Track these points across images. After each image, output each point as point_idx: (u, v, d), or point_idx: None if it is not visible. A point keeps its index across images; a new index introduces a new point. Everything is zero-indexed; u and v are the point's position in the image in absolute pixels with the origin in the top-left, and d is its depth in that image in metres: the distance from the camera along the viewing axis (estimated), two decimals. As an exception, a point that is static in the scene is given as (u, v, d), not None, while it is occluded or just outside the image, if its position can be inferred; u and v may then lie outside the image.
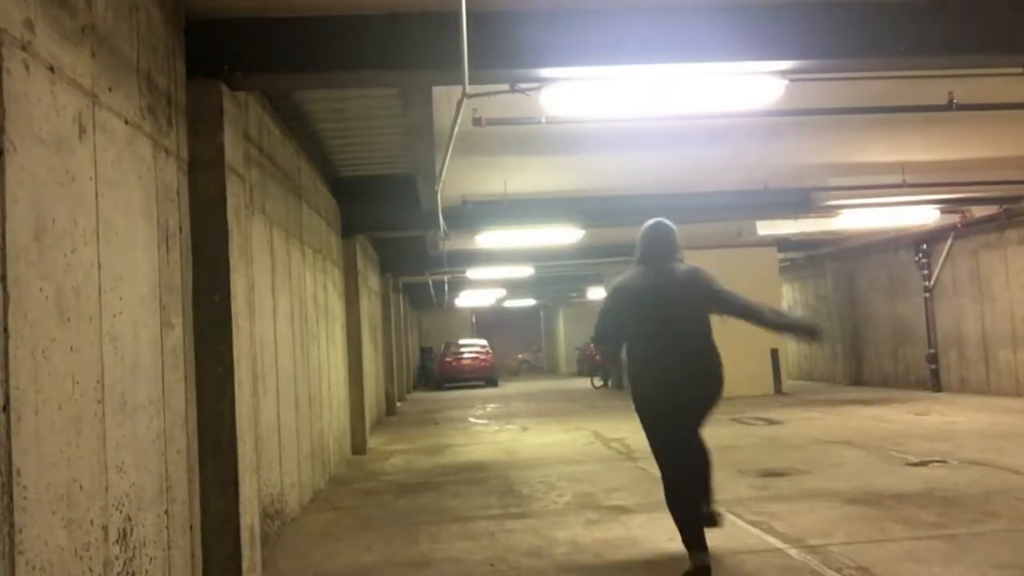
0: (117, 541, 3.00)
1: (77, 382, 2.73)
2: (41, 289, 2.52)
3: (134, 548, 3.15)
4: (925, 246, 14.80)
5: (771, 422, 11.28)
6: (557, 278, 22.49)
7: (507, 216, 10.50)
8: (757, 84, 4.97)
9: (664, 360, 4.35)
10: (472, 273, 17.25)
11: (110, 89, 3.13)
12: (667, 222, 4.69)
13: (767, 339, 16.80)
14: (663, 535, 5.22)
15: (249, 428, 4.38)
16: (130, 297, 3.23)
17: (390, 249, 15.41)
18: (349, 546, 5.44)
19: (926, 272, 14.89)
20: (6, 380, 2.30)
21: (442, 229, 9.47)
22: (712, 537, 4.43)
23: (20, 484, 2.34)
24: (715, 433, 10.32)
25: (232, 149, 4.31)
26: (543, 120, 5.88)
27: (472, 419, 14.44)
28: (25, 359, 2.40)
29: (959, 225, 13.51)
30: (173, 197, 3.84)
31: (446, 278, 18.65)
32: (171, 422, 3.64)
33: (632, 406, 4.52)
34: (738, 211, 11.42)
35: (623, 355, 4.63)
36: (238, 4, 4.18)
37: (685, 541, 4.29)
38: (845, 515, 5.50)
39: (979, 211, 12.88)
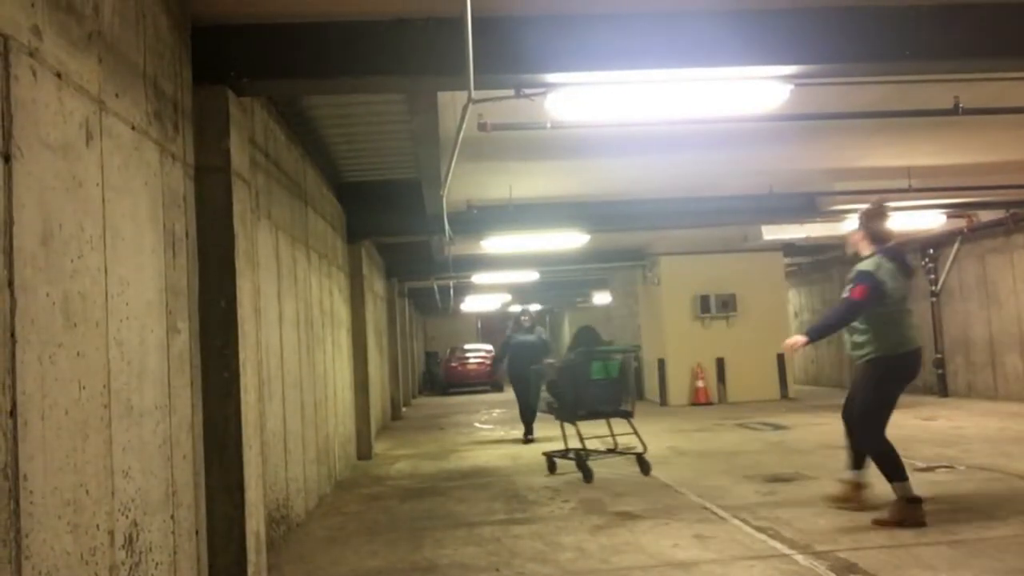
0: (123, 546, 3.00)
1: (83, 387, 2.74)
2: (48, 294, 2.53)
3: (140, 553, 3.15)
4: (931, 250, 14.74)
5: (777, 427, 11.24)
6: (562, 283, 22.45)
7: (512, 221, 10.49)
8: (763, 89, 4.96)
9: (521, 365, 10.99)
10: (477, 278, 17.25)
11: (117, 95, 3.14)
12: (533, 316, 11.94)
13: (772, 345, 16.80)
14: (669, 541, 5.21)
15: (255, 433, 4.38)
16: (136, 302, 3.24)
17: (395, 254, 15.41)
18: (354, 551, 5.44)
19: (932, 277, 14.83)
20: (13, 385, 2.30)
21: (447, 234, 9.47)
22: (720, 544, 5.07)
23: (26, 489, 2.34)
24: (721, 438, 10.40)
25: (238, 154, 4.32)
26: (548, 125, 5.87)
27: (477, 424, 14.43)
28: (32, 364, 2.41)
29: (965, 230, 13.44)
30: (179, 203, 3.85)
31: (451, 283, 18.64)
32: (177, 427, 3.64)
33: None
34: (744, 216, 11.40)
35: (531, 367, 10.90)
36: (244, 10, 4.19)
37: (524, 423, 11.17)
38: (852, 520, 5.48)
39: (986, 215, 12.82)
